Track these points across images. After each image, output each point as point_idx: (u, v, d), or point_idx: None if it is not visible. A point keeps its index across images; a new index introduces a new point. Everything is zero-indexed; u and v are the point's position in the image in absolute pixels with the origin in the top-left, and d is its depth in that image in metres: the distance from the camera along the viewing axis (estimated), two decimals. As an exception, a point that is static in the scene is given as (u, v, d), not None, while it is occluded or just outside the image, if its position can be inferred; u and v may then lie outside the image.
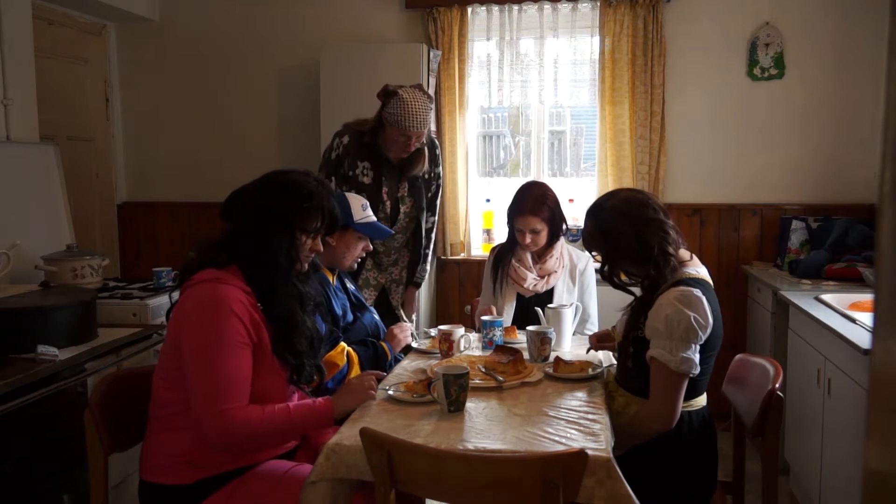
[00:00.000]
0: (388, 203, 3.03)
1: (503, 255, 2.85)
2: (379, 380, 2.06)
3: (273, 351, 1.84)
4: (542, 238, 2.76)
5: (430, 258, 3.26)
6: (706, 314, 1.87)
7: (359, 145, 2.96)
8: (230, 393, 1.72)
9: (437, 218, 3.24)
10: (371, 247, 2.54)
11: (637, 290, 2.12)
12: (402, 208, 3.08)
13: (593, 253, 2.13)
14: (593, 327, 2.85)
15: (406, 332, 2.57)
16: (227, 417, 1.70)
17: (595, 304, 2.89)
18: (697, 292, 1.88)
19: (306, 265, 1.97)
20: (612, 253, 2.04)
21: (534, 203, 2.71)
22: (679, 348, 1.84)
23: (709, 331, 1.88)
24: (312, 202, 1.91)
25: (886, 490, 0.65)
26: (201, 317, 1.75)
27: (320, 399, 1.88)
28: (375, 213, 2.76)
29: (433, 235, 3.24)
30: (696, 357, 1.87)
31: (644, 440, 1.93)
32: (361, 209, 2.45)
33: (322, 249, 2.00)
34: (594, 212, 2.08)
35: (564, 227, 2.83)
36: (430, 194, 3.16)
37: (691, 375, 1.88)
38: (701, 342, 1.88)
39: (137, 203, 4.51)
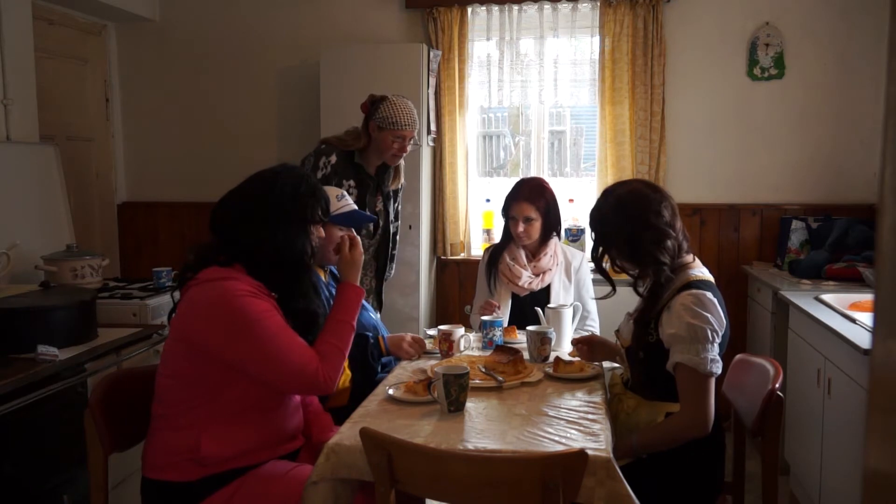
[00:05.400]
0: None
1: (497, 255, 2.86)
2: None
3: None
4: (536, 229, 2.77)
5: (395, 258, 3.33)
6: (720, 314, 1.90)
7: (346, 164, 2.93)
8: (302, 357, 1.77)
9: (399, 223, 3.31)
10: (356, 236, 2.47)
11: (621, 285, 2.12)
12: (380, 223, 3.10)
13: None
14: (594, 323, 2.86)
15: (417, 349, 2.41)
16: (321, 377, 1.78)
17: (593, 301, 2.90)
18: (709, 294, 1.90)
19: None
20: (602, 239, 2.05)
21: (531, 191, 2.76)
22: (703, 350, 1.85)
23: (724, 329, 1.91)
24: (310, 190, 1.94)
25: (886, 490, 0.65)
26: (221, 314, 1.75)
27: (340, 289, 2.00)
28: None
29: (398, 238, 3.31)
30: (719, 356, 1.89)
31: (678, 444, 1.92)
32: (337, 200, 2.36)
33: (324, 234, 2.03)
34: (603, 194, 2.08)
35: (560, 226, 2.84)
36: (397, 204, 3.20)
37: (716, 374, 1.88)
38: (720, 341, 1.90)
39: (137, 203, 4.51)
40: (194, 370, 1.78)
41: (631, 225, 1.96)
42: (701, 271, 2.00)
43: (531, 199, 2.74)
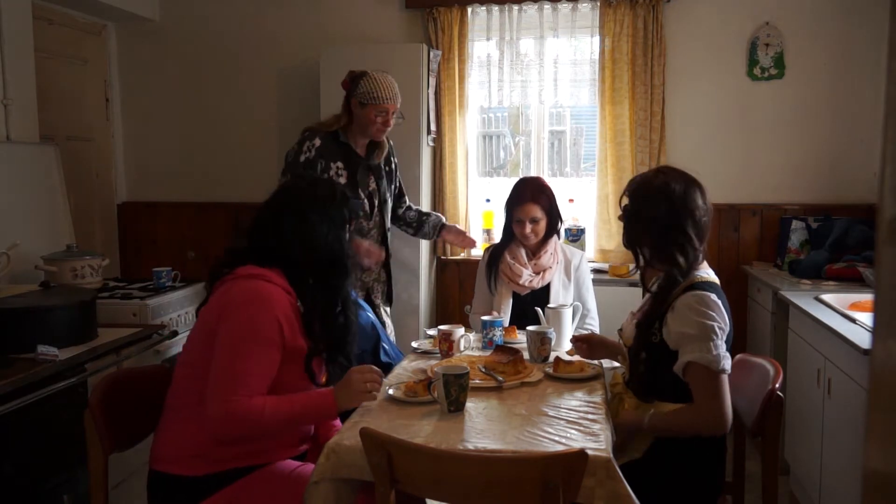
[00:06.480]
0: (366, 201, 3.04)
1: (497, 255, 2.87)
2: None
3: (327, 357, 1.90)
4: (541, 229, 2.81)
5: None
6: (724, 315, 1.91)
7: (331, 146, 2.92)
8: (245, 386, 1.73)
9: (407, 198, 3.31)
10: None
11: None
12: (375, 202, 3.08)
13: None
14: (594, 322, 2.87)
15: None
16: (231, 407, 1.71)
17: (593, 299, 2.91)
18: (713, 296, 1.91)
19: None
20: (635, 212, 2.01)
21: (533, 192, 2.80)
22: (714, 347, 1.86)
23: (728, 330, 1.92)
24: (343, 193, 2.01)
25: (886, 490, 0.65)
26: (244, 312, 1.77)
27: (322, 390, 1.87)
28: (359, 215, 2.81)
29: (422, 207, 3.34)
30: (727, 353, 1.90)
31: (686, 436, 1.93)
32: None
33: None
34: (659, 172, 2.02)
35: (560, 223, 2.87)
36: (397, 184, 3.21)
37: (728, 372, 1.88)
38: (725, 339, 1.91)
39: (137, 203, 4.51)
40: (207, 362, 1.78)
41: (668, 217, 1.94)
42: (707, 272, 2.00)
43: (535, 199, 2.78)
